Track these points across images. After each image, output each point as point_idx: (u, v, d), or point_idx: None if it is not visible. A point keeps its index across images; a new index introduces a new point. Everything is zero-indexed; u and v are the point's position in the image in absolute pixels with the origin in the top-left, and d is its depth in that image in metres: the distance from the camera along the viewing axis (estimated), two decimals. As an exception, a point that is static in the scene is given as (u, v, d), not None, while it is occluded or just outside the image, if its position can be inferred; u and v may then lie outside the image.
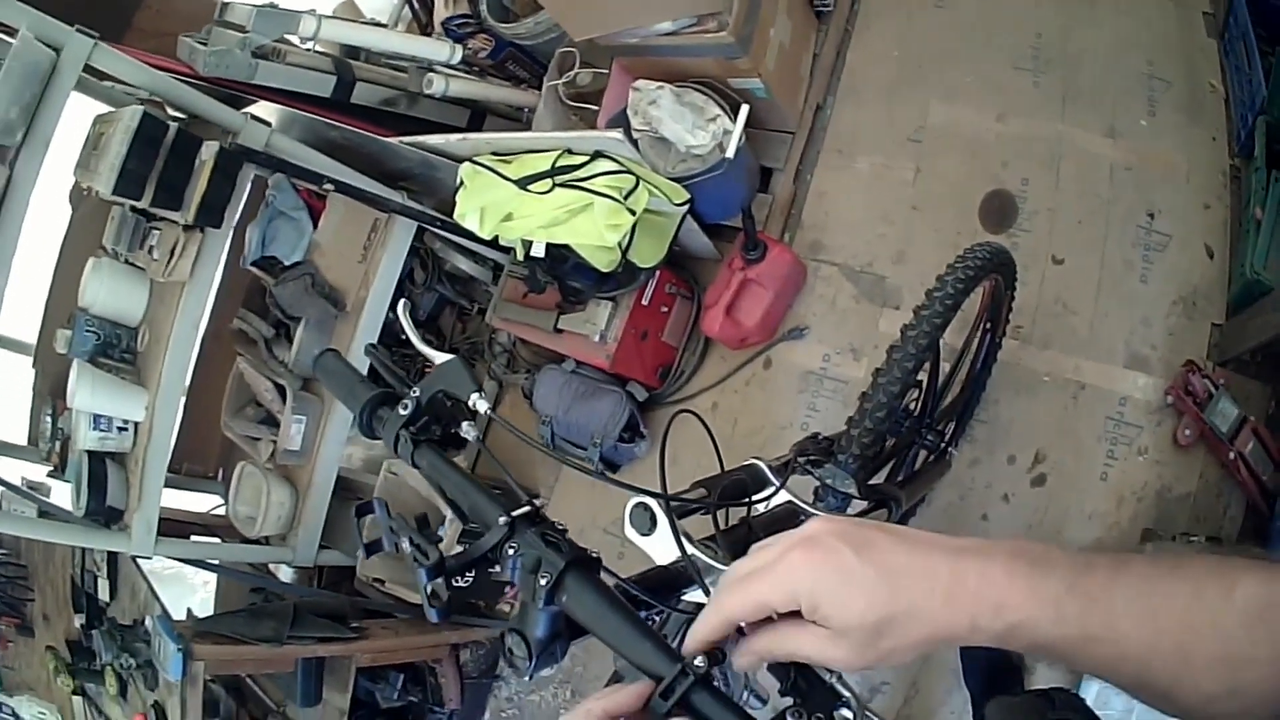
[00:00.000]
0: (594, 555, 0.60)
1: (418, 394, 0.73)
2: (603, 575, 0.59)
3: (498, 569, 0.62)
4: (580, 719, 0.47)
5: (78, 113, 1.64)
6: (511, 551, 0.60)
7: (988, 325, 1.75)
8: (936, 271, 1.36)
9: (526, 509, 0.63)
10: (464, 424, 0.74)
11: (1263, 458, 1.66)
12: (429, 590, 0.62)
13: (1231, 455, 1.64)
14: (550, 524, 0.63)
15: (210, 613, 2.27)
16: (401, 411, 0.73)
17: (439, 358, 0.76)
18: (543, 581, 0.56)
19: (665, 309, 1.99)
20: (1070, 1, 2.19)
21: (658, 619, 0.70)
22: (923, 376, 1.45)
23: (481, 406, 0.71)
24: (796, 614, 0.49)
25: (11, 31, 1.45)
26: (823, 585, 0.47)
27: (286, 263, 2.04)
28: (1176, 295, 1.88)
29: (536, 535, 0.60)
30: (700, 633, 0.51)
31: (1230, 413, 1.67)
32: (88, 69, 1.48)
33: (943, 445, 1.75)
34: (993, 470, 1.92)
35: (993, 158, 2.06)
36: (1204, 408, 1.69)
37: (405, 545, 0.65)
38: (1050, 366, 1.93)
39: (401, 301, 0.92)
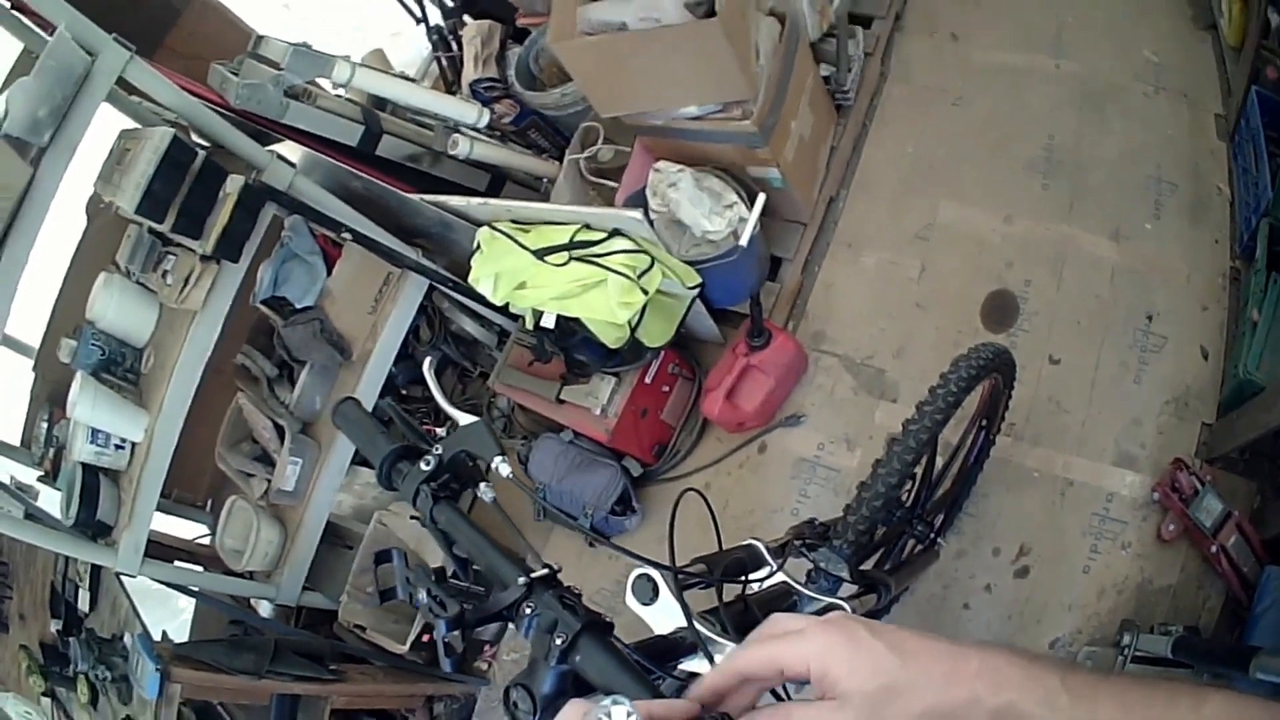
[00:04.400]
0: (608, 620, 0.63)
1: (440, 451, 0.77)
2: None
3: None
4: (620, 716, 0.49)
5: (100, 124, 1.62)
6: (529, 611, 0.63)
7: (984, 423, 1.78)
8: (936, 368, 1.39)
9: (545, 571, 0.66)
10: (482, 485, 0.76)
11: (1244, 550, 1.69)
12: (445, 640, 0.66)
13: (1214, 549, 1.67)
14: (566, 588, 0.66)
15: (186, 638, 2.27)
16: (424, 467, 0.76)
17: (464, 418, 0.79)
18: (558, 641, 0.59)
19: (667, 389, 2.02)
20: (1084, 106, 2.25)
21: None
22: (918, 469, 1.48)
23: (504, 471, 0.74)
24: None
25: (47, 26, 1.45)
26: (835, 651, 0.49)
27: (297, 305, 2.06)
28: (1169, 395, 1.92)
29: (554, 597, 0.63)
30: (711, 679, 0.54)
31: (1215, 508, 1.70)
32: (119, 81, 1.49)
33: (931, 536, 1.78)
34: (977, 561, 1.94)
35: (997, 258, 2.11)
36: (1189, 504, 1.72)
37: (422, 595, 0.69)
38: (1040, 463, 1.95)
39: (428, 358, 0.93)
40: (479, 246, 1.85)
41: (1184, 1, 2.31)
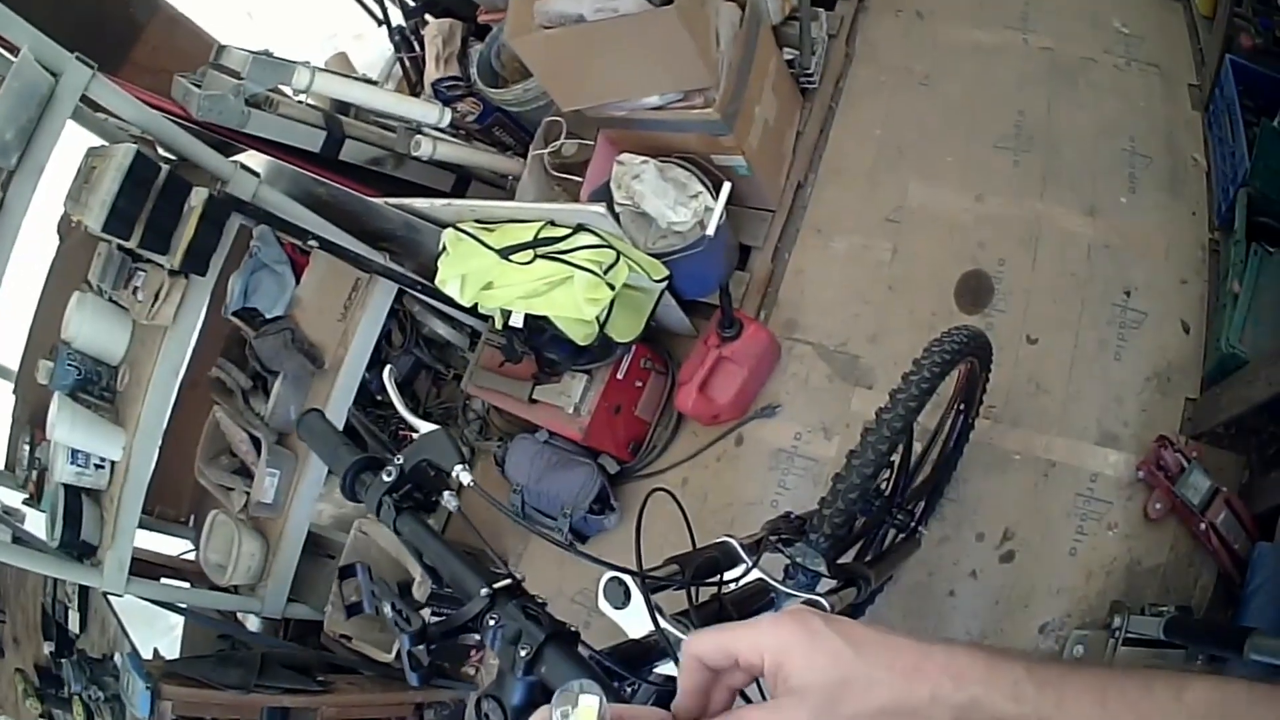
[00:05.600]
0: (572, 629, 0.62)
1: (401, 461, 0.76)
2: (579, 648, 0.61)
3: (475, 636, 0.65)
4: (590, 705, 0.48)
5: (70, 142, 1.61)
6: (493, 622, 0.62)
7: (962, 406, 1.76)
8: (911, 352, 1.37)
9: (508, 582, 0.65)
10: (445, 494, 0.76)
11: (1235, 526, 1.68)
12: (410, 654, 0.65)
13: (1203, 526, 1.66)
14: (530, 597, 0.65)
15: (177, 654, 2.27)
16: (385, 478, 0.76)
17: (424, 427, 0.78)
18: (523, 652, 0.58)
19: (639, 384, 2.00)
20: (1054, 80, 2.23)
21: (629, 690, 0.71)
22: (895, 457, 1.45)
23: (465, 479, 0.73)
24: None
25: (11, 49, 1.44)
26: (790, 643, 0.48)
27: (267, 315, 2.05)
28: (1151, 371, 1.90)
29: (517, 608, 0.62)
30: (681, 684, 0.52)
31: (1202, 485, 1.69)
32: (84, 99, 1.49)
33: (912, 524, 1.76)
34: (961, 548, 1.93)
35: (970, 238, 2.09)
36: (1175, 481, 1.71)
37: (387, 610, 0.68)
38: (1021, 445, 1.94)
39: (387, 368, 0.93)
40: (444, 248, 1.84)
41: (1154, -30, 2.28)
